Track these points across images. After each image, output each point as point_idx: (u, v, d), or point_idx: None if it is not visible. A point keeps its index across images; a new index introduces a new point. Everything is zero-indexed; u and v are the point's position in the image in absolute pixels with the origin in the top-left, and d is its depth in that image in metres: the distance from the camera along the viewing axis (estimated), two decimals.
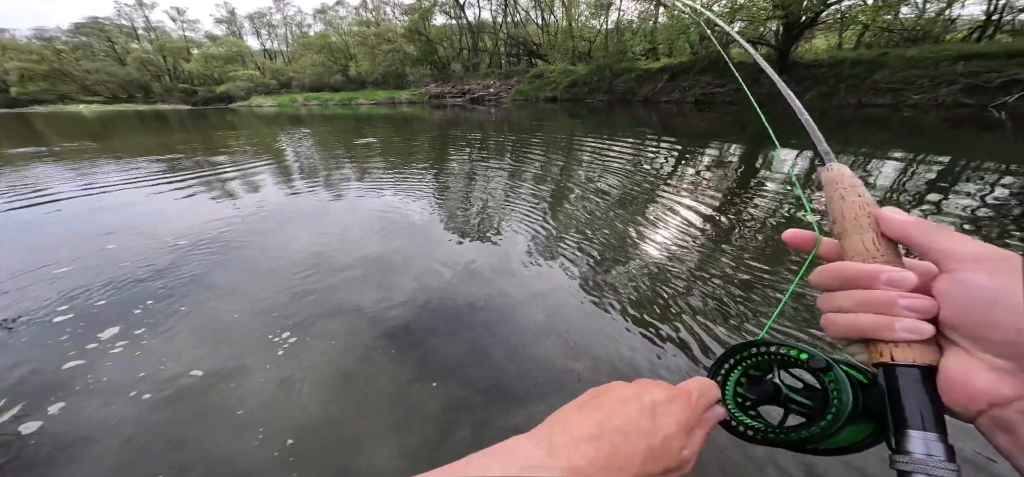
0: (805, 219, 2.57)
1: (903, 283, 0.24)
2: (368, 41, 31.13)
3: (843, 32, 15.61)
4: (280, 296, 1.95)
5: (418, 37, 27.26)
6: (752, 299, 1.71)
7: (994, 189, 3.14)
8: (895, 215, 0.26)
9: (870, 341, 0.25)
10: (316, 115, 16.79)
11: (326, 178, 4.56)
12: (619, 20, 20.09)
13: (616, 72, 16.98)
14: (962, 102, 9.00)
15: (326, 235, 2.74)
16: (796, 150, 4.87)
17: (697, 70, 14.65)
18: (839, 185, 0.29)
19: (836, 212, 0.29)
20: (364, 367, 1.42)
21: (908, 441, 0.22)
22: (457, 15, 27.33)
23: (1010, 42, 10.08)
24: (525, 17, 26.61)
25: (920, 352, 0.24)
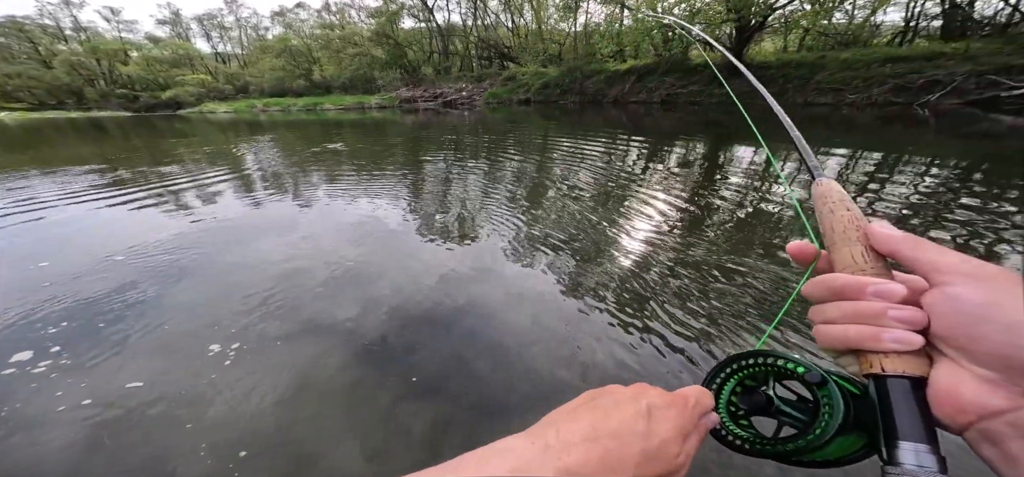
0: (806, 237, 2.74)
1: (891, 294, 0.25)
2: (332, 44, 29.93)
3: (787, 36, 16.97)
4: (244, 311, 1.81)
5: (386, 41, 26.58)
6: (730, 292, 1.80)
7: (924, 179, 3.53)
8: (884, 229, 0.27)
9: (860, 352, 0.26)
10: (278, 121, 15.89)
11: (292, 186, 4.33)
12: (587, 23, 20.66)
13: (586, 74, 17.43)
14: (891, 101, 10.05)
15: (295, 245, 2.59)
16: (757, 148, 5.22)
17: (662, 72, 15.35)
18: (828, 199, 0.30)
19: (826, 225, 0.30)
20: (340, 386, 1.35)
21: (899, 453, 0.22)
22: (426, 18, 26.97)
23: (927, 46, 11.38)
24: (495, 20, 26.73)
25: (910, 363, 0.24)
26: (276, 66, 32.60)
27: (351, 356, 1.49)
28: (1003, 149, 4.62)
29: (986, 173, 3.52)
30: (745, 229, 2.51)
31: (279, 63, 32.61)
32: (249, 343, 1.59)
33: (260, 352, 1.54)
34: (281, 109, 25.65)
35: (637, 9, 15.20)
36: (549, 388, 1.31)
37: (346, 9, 33.70)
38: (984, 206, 2.70)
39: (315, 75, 31.19)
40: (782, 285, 1.84)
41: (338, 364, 1.45)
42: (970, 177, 3.44)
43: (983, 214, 2.57)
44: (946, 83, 9.31)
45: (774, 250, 2.20)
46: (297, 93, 31.02)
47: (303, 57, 33.22)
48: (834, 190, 0.31)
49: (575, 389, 1.29)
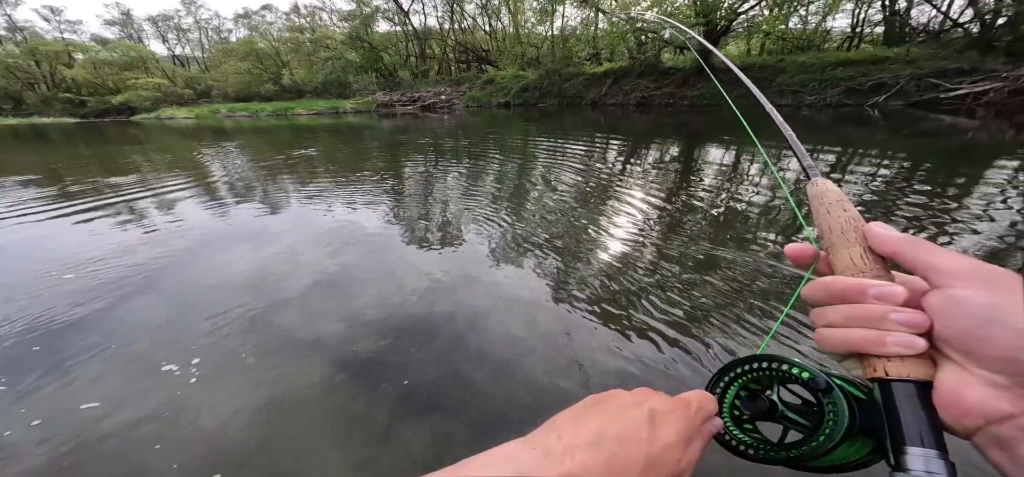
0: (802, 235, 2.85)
1: (893, 297, 0.24)
2: (303, 48, 28.89)
3: (750, 40, 17.95)
4: (213, 327, 1.70)
5: (360, 44, 25.91)
6: (728, 292, 1.84)
7: (878, 172, 3.83)
8: (885, 230, 0.26)
9: (863, 356, 0.25)
10: (245, 127, 15.14)
11: (264, 195, 4.12)
12: (564, 26, 21.00)
13: (565, 77, 17.69)
14: (844, 102, 10.84)
15: (268, 256, 2.47)
16: (734, 148, 5.48)
17: (637, 74, 15.83)
18: (824, 200, 0.30)
19: (823, 226, 0.29)
20: (331, 405, 1.28)
21: (907, 458, 0.22)
22: (401, 22, 26.52)
23: (872, 51, 12.36)
24: (472, 23, 26.65)
25: (914, 367, 0.23)
26: (241, 69, 31.01)
27: (340, 373, 1.42)
28: (943, 146, 5.08)
29: (929, 169, 3.86)
30: (740, 228, 2.61)
31: (244, 66, 31.05)
32: (221, 360, 1.50)
33: (234, 369, 1.45)
34: (248, 114, 24.42)
35: (612, 13, 15.59)
36: (552, 398, 1.30)
37: (317, 12, 32.63)
38: (929, 200, 2.95)
39: (285, 79, 29.93)
40: (780, 283, 1.88)
41: (325, 381, 1.38)
42: (916, 173, 3.76)
43: (928, 208, 2.81)
44: (891, 86, 10.16)
45: (772, 248, 2.28)
46: (265, 98, 29.64)
47: (271, 61, 31.81)
48: (830, 190, 0.30)
49: (578, 398, 1.27)
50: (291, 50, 30.69)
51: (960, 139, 5.53)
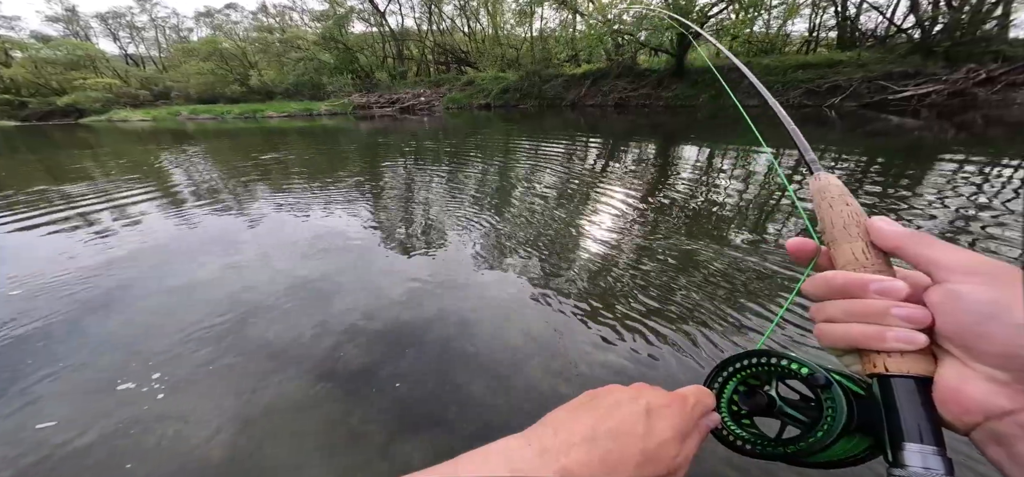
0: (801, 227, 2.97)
1: (894, 292, 0.24)
2: (272, 49, 27.65)
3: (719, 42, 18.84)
4: (183, 340, 1.61)
5: (334, 45, 25.09)
6: (724, 287, 1.90)
7: (836, 168, 4.11)
8: (887, 225, 0.26)
9: (863, 351, 0.25)
10: (209, 130, 14.33)
11: (233, 201, 3.92)
12: (543, 28, 21.21)
13: (545, 78, 17.87)
14: (804, 103, 11.55)
15: (240, 265, 2.36)
16: (710, 145, 5.71)
17: (614, 76, 16.22)
18: (827, 194, 0.29)
19: (825, 221, 0.29)
20: (325, 424, 1.23)
21: (905, 454, 0.22)
22: (378, 22, 25.91)
23: (828, 55, 13.26)
24: (451, 25, 26.43)
25: (914, 363, 0.23)
26: (204, 70, 29.29)
27: (330, 389, 1.37)
28: (893, 145, 5.51)
29: (882, 165, 4.18)
30: (735, 223, 2.71)
31: (208, 67, 29.34)
32: (190, 374, 1.42)
33: (207, 382, 1.37)
34: (213, 117, 23.11)
35: (589, 16, 15.90)
36: (553, 403, 1.28)
37: (287, 12, 31.32)
38: (883, 194, 3.20)
39: (253, 80, 28.53)
40: (780, 279, 1.93)
41: (313, 395, 1.33)
42: (870, 169, 4.06)
43: (883, 199, 3.04)
44: (845, 88, 10.93)
45: (767, 243, 2.38)
46: (232, 100, 28.14)
47: (237, 61, 30.25)
48: (833, 184, 0.30)
49: None
50: (259, 51, 29.31)
51: (907, 138, 6.02)
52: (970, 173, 3.62)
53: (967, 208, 2.73)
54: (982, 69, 9.49)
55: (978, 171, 3.66)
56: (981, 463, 0.88)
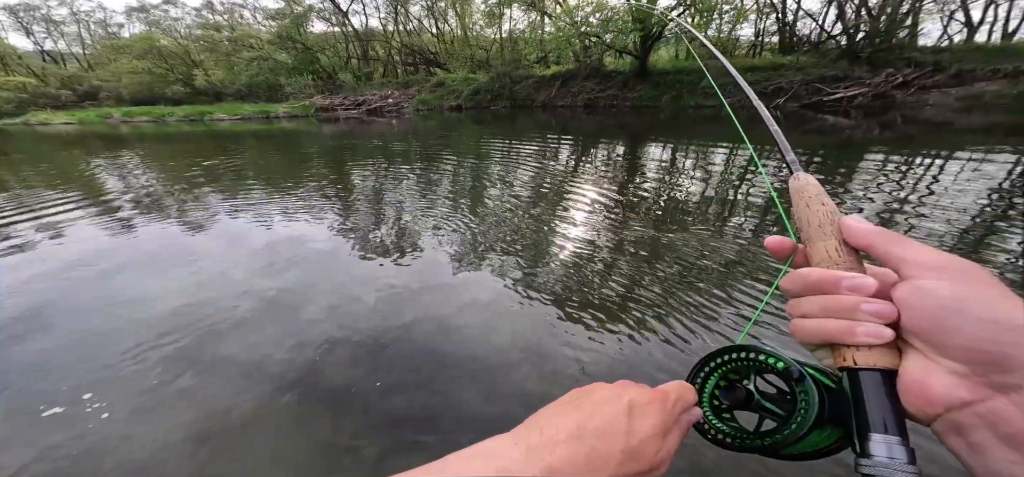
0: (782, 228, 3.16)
1: (864, 288, 0.25)
2: (220, 47, 25.55)
3: (678, 45, 19.90)
4: (126, 359, 1.51)
5: (292, 45, 23.62)
6: (705, 282, 1.98)
7: (781, 168, 4.52)
8: (858, 224, 0.27)
9: (834, 346, 0.26)
10: (148, 134, 13.06)
11: (182, 211, 3.66)
12: (512, 29, 21.28)
13: (515, 79, 17.94)
14: (753, 105, 12.52)
15: (194, 279, 2.22)
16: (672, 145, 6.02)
17: (582, 77, 16.63)
18: (805, 193, 0.30)
19: (802, 220, 0.30)
20: (314, 445, 1.19)
21: (871, 445, 0.23)
22: (340, 22, 24.68)
23: (772, 59, 14.44)
24: (418, 25, 25.76)
25: (881, 356, 0.24)
26: (139, 69, 26.47)
27: (313, 406, 1.32)
28: (829, 142, 6.14)
29: (821, 160, 4.66)
30: (711, 218, 2.86)
31: (143, 65, 26.53)
32: (137, 394, 1.34)
33: (156, 403, 1.30)
34: (152, 119, 20.96)
35: (557, 18, 16.18)
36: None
37: (236, 9, 29.03)
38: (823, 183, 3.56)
39: (198, 81, 26.20)
40: (760, 273, 2.04)
41: (299, 417, 1.27)
42: (811, 164, 4.51)
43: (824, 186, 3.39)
44: (787, 90, 11.98)
45: (743, 236, 2.52)
46: (174, 101, 25.66)
47: (179, 60, 27.63)
48: (810, 184, 0.31)
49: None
50: (205, 49, 26.97)
51: (841, 136, 6.73)
52: (892, 168, 4.13)
53: (891, 201, 3.12)
54: (899, 74, 10.79)
55: (898, 166, 4.19)
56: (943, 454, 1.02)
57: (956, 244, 2.34)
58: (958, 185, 3.42)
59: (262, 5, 27.56)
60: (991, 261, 2.16)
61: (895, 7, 12.01)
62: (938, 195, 3.21)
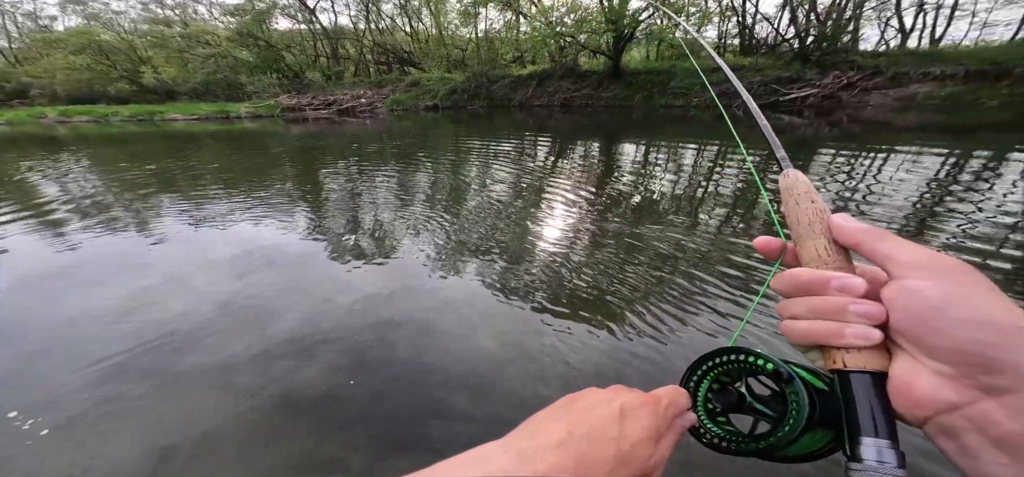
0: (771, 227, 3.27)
1: (853, 289, 0.25)
2: (172, 43, 23.70)
3: (648, 46, 20.63)
4: (79, 384, 1.40)
5: (254, 42, 22.29)
6: (692, 280, 2.01)
7: (743, 164, 4.80)
8: (847, 222, 0.26)
9: (824, 348, 0.26)
10: (90, 135, 11.94)
11: (134, 218, 3.41)
12: (488, 29, 21.18)
13: (492, 79, 17.89)
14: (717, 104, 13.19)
15: (150, 290, 2.07)
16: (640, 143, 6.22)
17: (558, 77, 16.85)
18: (794, 191, 0.30)
19: (791, 218, 0.29)
20: (288, 464, 1.12)
21: (861, 448, 0.23)
22: (307, 19, 23.54)
23: (734, 60, 15.30)
24: (391, 24, 25.04)
25: (871, 358, 0.24)
26: (76, 65, 24.04)
27: (295, 419, 1.25)
28: (786, 140, 6.58)
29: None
30: (698, 213, 2.94)
31: (82, 61, 24.12)
32: (86, 411, 1.22)
33: (119, 419, 1.17)
34: (94, 119, 19.12)
35: (533, 18, 16.28)
36: (538, 408, 1.26)
37: (189, 4, 26.98)
38: None
39: (147, 78, 24.17)
40: (752, 271, 2.06)
41: (280, 431, 1.20)
42: (769, 160, 4.80)
43: None
44: (748, 90, 12.72)
45: (732, 231, 2.59)
46: (119, 99, 23.53)
47: (123, 56, 25.35)
48: (801, 182, 0.30)
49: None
50: (154, 45, 24.93)
51: (796, 134, 7.24)
52: (842, 162, 4.48)
53: (845, 191, 3.39)
54: (844, 76, 11.75)
55: (847, 160, 4.56)
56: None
57: (901, 231, 2.58)
58: (899, 177, 3.77)
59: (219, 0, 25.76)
60: (936, 237, 2.40)
61: (839, 13, 13.06)
62: (883, 185, 3.53)
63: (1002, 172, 3.80)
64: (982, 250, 2.24)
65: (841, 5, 13.11)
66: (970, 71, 10.41)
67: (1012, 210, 2.80)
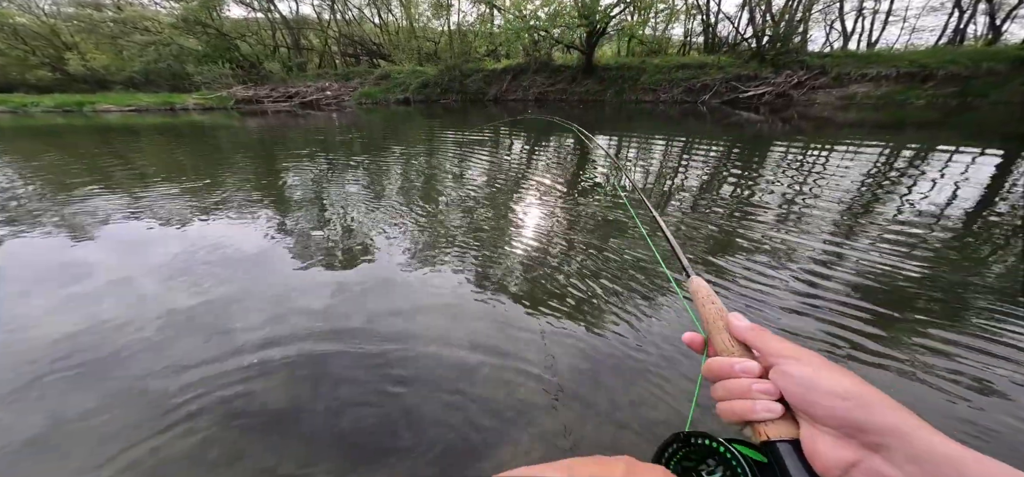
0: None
1: (750, 371, 0.31)
2: (102, 29, 21.26)
3: (620, 42, 21.11)
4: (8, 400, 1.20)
5: (203, 30, 20.43)
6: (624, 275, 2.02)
7: (710, 152, 5.05)
8: (738, 321, 0.34)
9: (751, 423, 0.30)
10: (6, 127, 10.53)
11: (61, 218, 3.07)
12: (461, 22, 20.72)
13: (466, 73, 17.58)
14: (685, 100, 13.78)
15: (90, 295, 1.89)
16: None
17: (533, 71, 16.85)
18: (699, 295, 0.37)
19: (703, 317, 0.36)
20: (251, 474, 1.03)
21: None
22: (264, 7, 21.86)
23: (698, 57, 15.98)
24: (359, 15, 23.82)
25: (785, 429, 0.28)
26: None
27: (249, 434, 1.16)
28: (744, 135, 6.99)
29: (739, 151, 5.28)
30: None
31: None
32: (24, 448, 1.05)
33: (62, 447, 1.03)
34: (10, 109, 16.81)
35: (507, 11, 16.10)
36: (514, 412, 1.26)
37: None
38: (743, 175, 4.05)
39: (73, 65, 21.58)
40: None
41: (235, 450, 1.10)
42: (731, 154, 5.09)
43: (743, 178, 3.86)
44: (711, 87, 13.38)
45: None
46: (40, 88, 20.87)
47: (44, 41, 22.43)
48: (703, 287, 0.38)
49: (541, 408, 1.28)
50: (82, 30, 22.26)
51: (753, 130, 7.70)
52: (792, 157, 4.83)
53: (793, 183, 3.64)
54: (794, 75, 12.63)
55: (796, 155, 4.91)
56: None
57: (843, 216, 2.81)
58: (841, 171, 4.11)
59: None
60: (874, 225, 2.62)
61: (791, 15, 13.98)
62: (827, 178, 3.83)
63: (927, 165, 4.25)
64: (914, 233, 2.49)
65: (792, 7, 14.04)
66: (901, 72, 11.55)
67: (938, 201, 3.14)
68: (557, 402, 1.32)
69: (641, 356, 1.52)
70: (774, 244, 2.41)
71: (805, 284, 1.97)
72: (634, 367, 1.47)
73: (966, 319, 1.67)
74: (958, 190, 3.38)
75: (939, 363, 1.44)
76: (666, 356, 1.50)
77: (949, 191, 3.36)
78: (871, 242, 2.39)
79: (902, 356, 1.48)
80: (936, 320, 1.67)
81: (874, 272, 2.05)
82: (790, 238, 2.49)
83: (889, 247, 2.30)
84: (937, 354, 1.48)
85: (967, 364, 1.43)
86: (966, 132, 6.53)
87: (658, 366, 1.47)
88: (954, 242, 2.40)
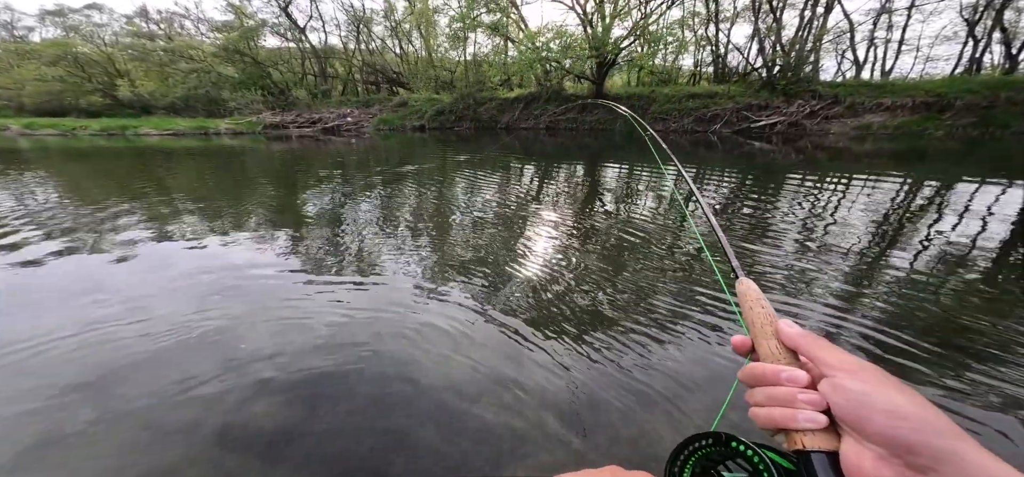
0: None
1: (798, 380, 0.30)
2: (153, 57, 23.33)
3: (630, 73, 21.67)
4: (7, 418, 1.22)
5: (240, 58, 22.20)
6: (677, 301, 1.99)
7: (723, 180, 5.01)
8: (789, 328, 0.33)
9: (786, 431, 0.30)
10: (53, 148, 11.42)
11: (97, 238, 3.23)
12: (476, 53, 21.78)
13: (479, 101, 18.27)
14: (695, 129, 13.87)
15: (110, 315, 1.94)
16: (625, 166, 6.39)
17: (544, 100, 17.39)
18: (748, 297, 0.36)
19: (749, 320, 0.35)
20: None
21: None
22: (297, 38, 23.67)
23: (709, 87, 16.20)
24: (381, 45, 25.44)
25: (824, 440, 0.28)
26: (47, 76, 23.21)
27: (243, 460, 1.15)
28: (758, 165, 6.94)
29: (752, 182, 5.23)
30: (676, 252, 2.89)
31: (53, 73, 23.33)
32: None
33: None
34: (60, 132, 18.33)
35: (520, 43, 16.87)
36: (510, 444, 1.23)
37: (177, 19, 26.75)
38: (757, 206, 3.98)
39: (122, 91, 23.52)
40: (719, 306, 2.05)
41: (228, 471, 1.09)
42: (744, 184, 5.04)
43: (759, 207, 3.80)
44: (722, 117, 13.45)
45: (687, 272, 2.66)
46: (90, 113, 22.72)
47: (100, 68, 24.68)
48: (752, 289, 0.36)
49: (536, 442, 1.25)
50: (135, 58, 24.44)
51: (766, 159, 7.65)
52: (808, 187, 4.74)
53: (809, 217, 3.55)
54: (807, 105, 12.60)
55: (813, 186, 4.82)
56: None
57: (864, 252, 2.71)
58: (860, 204, 4.00)
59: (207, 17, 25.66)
60: (895, 265, 2.51)
61: (802, 45, 14.14)
62: (845, 211, 3.73)
63: (951, 199, 4.10)
64: (941, 270, 2.38)
65: (803, 37, 14.21)
66: (917, 102, 11.38)
67: (968, 232, 2.99)
68: (560, 434, 1.28)
69: (647, 402, 1.46)
70: (792, 274, 2.34)
71: (833, 310, 1.89)
72: (638, 415, 1.41)
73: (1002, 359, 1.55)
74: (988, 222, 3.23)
75: (977, 406, 1.33)
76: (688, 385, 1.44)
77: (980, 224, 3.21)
78: (898, 276, 2.29)
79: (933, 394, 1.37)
80: (975, 356, 1.56)
81: (904, 304, 1.96)
82: (809, 268, 2.43)
83: (922, 276, 2.21)
84: (977, 394, 1.37)
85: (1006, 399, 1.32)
86: (989, 165, 6.30)
87: (676, 396, 1.41)
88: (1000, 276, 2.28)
